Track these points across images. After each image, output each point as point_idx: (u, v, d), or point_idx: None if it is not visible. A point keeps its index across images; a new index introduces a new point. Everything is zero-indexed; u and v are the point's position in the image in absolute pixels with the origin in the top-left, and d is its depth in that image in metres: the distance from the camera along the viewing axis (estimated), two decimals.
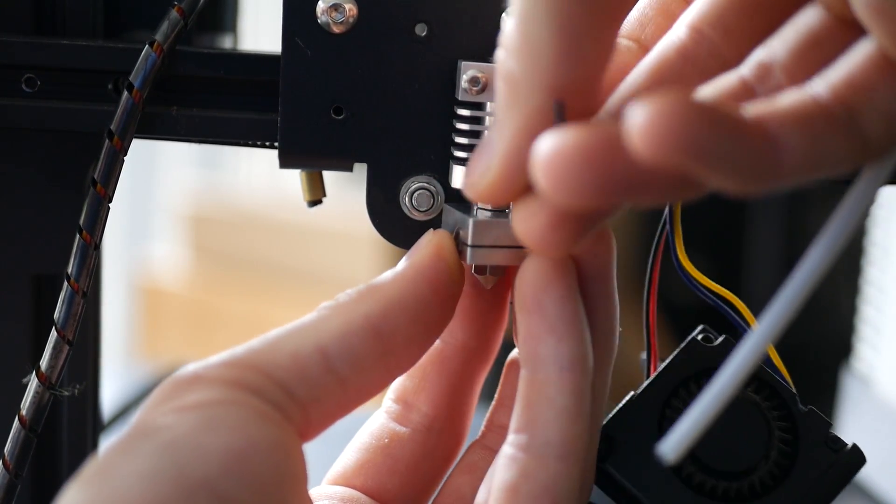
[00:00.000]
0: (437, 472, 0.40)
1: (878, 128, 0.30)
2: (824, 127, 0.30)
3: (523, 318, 0.34)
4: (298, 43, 0.39)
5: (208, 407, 0.32)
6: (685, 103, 0.28)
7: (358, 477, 0.39)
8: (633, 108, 0.28)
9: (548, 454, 0.33)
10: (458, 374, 0.39)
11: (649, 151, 0.27)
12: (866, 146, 0.30)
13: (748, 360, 0.31)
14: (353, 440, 0.40)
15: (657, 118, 0.27)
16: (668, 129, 0.27)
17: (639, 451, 0.37)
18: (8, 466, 0.41)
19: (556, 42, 0.30)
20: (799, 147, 0.29)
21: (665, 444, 0.31)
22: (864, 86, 0.30)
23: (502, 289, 0.39)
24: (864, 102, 0.30)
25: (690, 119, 0.27)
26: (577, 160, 0.29)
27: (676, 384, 0.38)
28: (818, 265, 0.31)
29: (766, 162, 0.29)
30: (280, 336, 0.34)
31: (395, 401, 0.40)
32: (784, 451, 0.38)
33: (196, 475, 0.30)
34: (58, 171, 0.45)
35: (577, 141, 0.29)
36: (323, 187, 0.43)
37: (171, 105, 0.42)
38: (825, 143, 0.30)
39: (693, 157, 0.28)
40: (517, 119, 0.32)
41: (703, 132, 0.28)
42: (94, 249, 0.40)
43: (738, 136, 0.28)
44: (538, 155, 0.29)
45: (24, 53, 0.41)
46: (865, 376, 0.80)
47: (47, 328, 0.41)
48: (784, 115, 0.30)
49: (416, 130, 0.40)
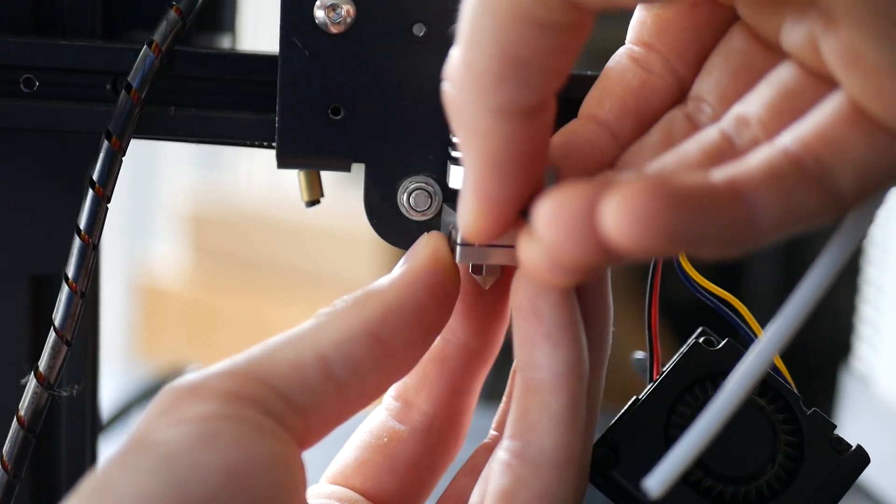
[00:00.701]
0: (436, 471, 0.40)
1: (851, 181, 0.30)
2: (797, 184, 0.30)
3: (519, 324, 0.34)
4: (296, 43, 0.39)
5: (206, 421, 0.31)
6: (656, 191, 0.28)
7: (357, 476, 0.39)
8: (607, 203, 0.28)
9: (543, 462, 0.33)
10: (458, 373, 0.39)
11: (627, 244, 0.28)
12: (840, 199, 0.30)
13: (725, 409, 0.32)
14: (352, 438, 0.40)
15: (630, 213, 0.28)
16: (642, 222, 0.28)
17: (645, 458, 0.37)
18: (6, 467, 0.41)
19: (497, 65, 0.30)
20: (773, 207, 0.29)
21: (650, 479, 0.31)
22: (835, 139, 0.30)
23: (503, 289, 0.39)
24: (836, 155, 0.30)
25: (663, 208, 0.28)
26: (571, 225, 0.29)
27: (681, 389, 0.38)
28: (802, 307, 0.32)
29: (742, 227, 0.29)
30: (279, 344, 0.34)
31: (395, 398, 0.40)
32: (790, 454, 0.38)
33: (196, 492, 0.30)
34: (56, 171, 0.45)
35: (571, 203, 0.29)
36: (321, 187, 0.43)
37: (170, 105, 0.42)
38: (799, 199, 0.30)
39: (670, 241, 0.28)
40: (476, 149, 0.32)
41: (676, 219, 0.28)
42: (92, 250, 0.40)
43: (713, 212, 0.29)
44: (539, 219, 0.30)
45: (22, 54, 0.41)
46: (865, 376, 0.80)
47: (46, 328, 0.41)
48: (756, 175, 0.30)
49: (413, 130, 0.40)
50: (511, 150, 0.32)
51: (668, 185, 0.28)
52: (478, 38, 0.30)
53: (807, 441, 0.38)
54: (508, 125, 0.31)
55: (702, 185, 0.29)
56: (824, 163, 0.30)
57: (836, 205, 0.30)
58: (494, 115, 0.31)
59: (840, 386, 0.84)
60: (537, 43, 0.30)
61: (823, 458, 0.38)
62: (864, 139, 0.30)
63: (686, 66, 0.35)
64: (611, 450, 0.37)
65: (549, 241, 0.30)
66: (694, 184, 0.29)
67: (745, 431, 0.38)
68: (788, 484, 0.38)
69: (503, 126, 0.31)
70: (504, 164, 0.32)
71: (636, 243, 0.28)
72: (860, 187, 0.30)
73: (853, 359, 0.83)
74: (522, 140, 0.32)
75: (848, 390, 0.83)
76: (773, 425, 0.38)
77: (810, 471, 0.38)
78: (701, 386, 0.38)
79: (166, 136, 0.42)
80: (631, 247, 0.28)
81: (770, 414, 0.38)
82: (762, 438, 0.38)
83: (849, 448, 0.38)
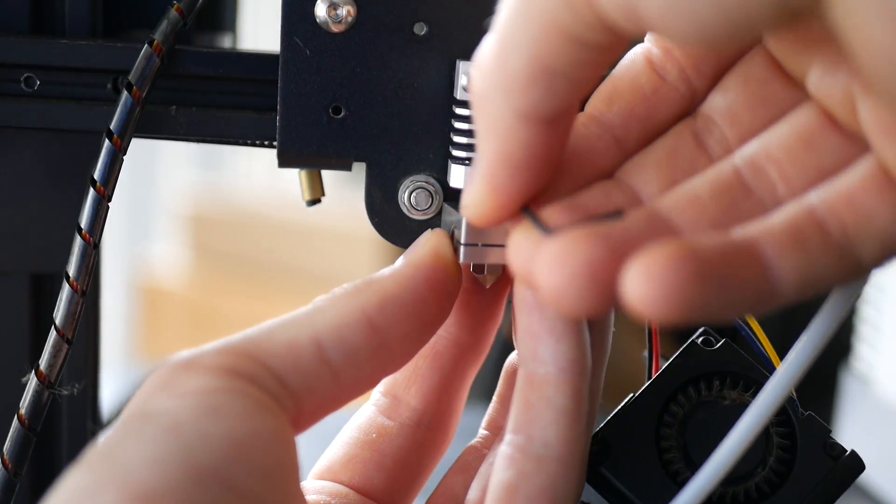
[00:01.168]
0: (424, 467, 0.40)
1: (873, 250, 0.30)
2: (819, 249, 0.30)
3: (523, 318, 0.34)
4: (297, 42, 0.39)
5: (209, 394, 0.31)
6: (684, 263, 0.28)
7: (345, 472, 0.39)
8: (630, 276, 0.28)
9: (546, 455, 0.33)
10: (449, 369, 0.39)
11: (647, 312, 0.28)
12: (860, 267, 0.30)
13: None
14: (341, 434, 0.40)
15: (655, 283, 0.28)
16: (668, 293, 0.28)
17: (635, 455, 0.37)
18: (7, 465, 0.41)
19: (528, 72, 0.30)
20: (794, 272, 0.29)
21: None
22: (863, 205, 0.30)
23: (500, 286, 0.39)
24: (862, 223, 0.30)
25: (691, 280, 0.28)
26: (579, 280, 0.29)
27: (675, 388, 0.38)
28: (788, 382, 0.33)
29: (762, 294, 0.29)
30: (275, 326, 0.34)
31: (383, 394, 0.40)
32: (781, 457, 0.38)
33: (203, 461, 0.30)
34: (57, 170, 0.45)
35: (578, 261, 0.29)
36: (322, 186, 0.43)
37: (171, 104, 0.42)
38: (820, 265, 0.30)
39: (692, 312, 0.28)
40: (493, 144, 0.32)
41: (701, 291, 0.28)
42: (93, 249, 0.40)
43: (736, 281, 0.29)
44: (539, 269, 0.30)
45: (23, 52, 0.41)
46: (865, 376, 0.80)
47: (46, 327, 0.41)
48: (779, 238, 0.30)
49: (414, 130, 0.40)
50: (527, 152, 0.32)
51: (695, 255, 0.28)
52: (512, 42, 0.30)
53: (800, 444, 0.38)
54: (529, 129, 0.31)
55: (724, 251, 0.29)
56: (848, 230, 0.30)
57: (855, 271, 0.30)
58: (517, 117, 0.31)
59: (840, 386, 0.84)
60: (570, 56, 0.30)
61: (816, 462, 0.38)
62: (891, 209, 0.30)
63: (702, 79, 0.35)
64: (602, 446, 0.37)
65: (548, 285, 0.29)
66: (718, 250, 0.29)
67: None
68: (778, 487, 0.37)
69: (524, 129, 0.31)
70: (518, 163, 0.32)
71: (657, 312, 0.28)
72: (882, 257, 0.30)
73: (853, 359, 0.83)
74: (540, 144, 0.32)
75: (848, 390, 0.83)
76: (766, 427, 0.38)
77: (801, 475, 0.37)
78: (695, 386, 0.38)
79: (167, 136, 0.42)
80: (649, 314, 0.28)
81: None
82: (755, 440, 0.38)
83: (843, 453, 0.38)
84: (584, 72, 0.31)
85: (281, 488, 0.31)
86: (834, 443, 0.38)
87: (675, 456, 0.37)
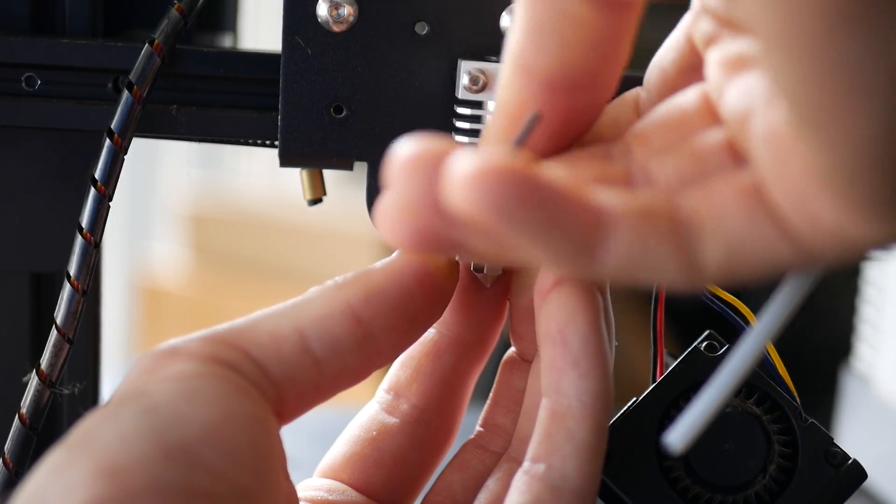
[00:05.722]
0: (426, 466, 0.40)
1: (715, 256, 0.29)
2: (660, 234, 0.29)
3: (547, 350, 0.34)
4: (299, 42, 0.39)
5: (187, 379, 0.32)
6: (514, 171, 0.27)
7: (345, 469, 0.39)
8: (459, 158, 0.27)
9: (564, 488, 0.33)
10: (452, 367, 0.39)
11: (461, 205, 0.27)
12: (695, 269, 0.29)
13: (748, 359, 0.31)
14: (344, 432, 0.40)
15: (475, 175, 0.27)
16: (482, 187, 0.27)
17: (635, 462, 0.37)
18: (8, 464, 0.41)
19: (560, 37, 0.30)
20: (622, 246, 0.29)
21: (672, 434, 0.31)
22: (721, 208, 0.29)
23: (503, 286, 0.39)
24: (713, 225, 0.29)
25: (513, 186, 0.27)
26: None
27: (675, 395, 0.38)
28: (741, 368, 0.32)
29: (584, 254, 0.28)
30: (261, 316, 0.35)
31: (387, 391, 0.40)
32: (783, 465, 0.37)
33: (174, 440, 0.30)
34: (58, 169, 0.45)
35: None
36: (323, 186, 0.43)
37: (171, 104, 0.42)
38: (652, 251, 0.29)
39: (502, 220, 0.27)
40: (508, 94, 0.32)
41: (517, 198, 0.27)
42: (94, 248, 0.40)
43: (558, 212, 0.28)
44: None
45: (24, 52, 0.41)
46: (865, 376, 0.80)
47: (47, 327, 0.41)
48: (627, 210, 0.29)
49: (416, 129, 0.40)
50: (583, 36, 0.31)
51: (530, 170, 0.27)
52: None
53: (801, 453, 0.38)
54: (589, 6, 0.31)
55: (566, 189, 0.28)
56: (697, 228, 0.29)
57: (688, 272, 0.29)
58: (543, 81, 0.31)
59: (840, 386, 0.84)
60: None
61: (817, 470, 0.37)
62: (747, 220, 0.29)
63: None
64: None
65: (396, 183, 0.29)
66: (560, 182, 0.28)
67: (739, 440, 0.37)
68: (779, 495, 0.37)
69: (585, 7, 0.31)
70: (562, 39, 0.31)
71: (470, 208, 0.27)
72: (721, 265, 0.29)
73: (853, 359, 0.83)
74: (598, 29, 0.31)
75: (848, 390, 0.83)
76: (767, 435, 0.38)
77: (802, 483, 0.37)
78: (697, 392, 0.38)
79: (168, 135, 0.42)
80: (463, 210, 0.27)
81: (766, 423, 0.38)
82: (756, 448, 0.37)
83: (845, 462, 0.38)
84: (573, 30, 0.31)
85: (257, 471, 0.32)
86: (836, 451, 0.38)
87: (675, 463, 0.37)
